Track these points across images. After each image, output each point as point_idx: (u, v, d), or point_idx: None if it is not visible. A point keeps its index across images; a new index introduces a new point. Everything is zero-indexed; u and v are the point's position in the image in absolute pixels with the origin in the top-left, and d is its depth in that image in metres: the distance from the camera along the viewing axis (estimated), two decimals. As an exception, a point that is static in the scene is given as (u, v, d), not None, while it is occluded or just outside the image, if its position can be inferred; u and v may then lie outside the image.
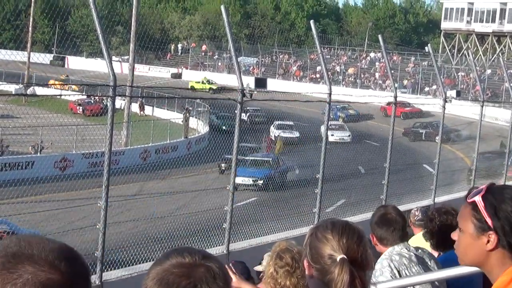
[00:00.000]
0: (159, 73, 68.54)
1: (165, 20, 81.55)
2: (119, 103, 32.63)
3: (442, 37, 71.49)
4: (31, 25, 53.27)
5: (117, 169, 19.57)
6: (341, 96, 27.66)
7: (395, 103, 13.26)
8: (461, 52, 67.43)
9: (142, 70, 64.11)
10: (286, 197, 19.09)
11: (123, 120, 32.67)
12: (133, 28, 36.18)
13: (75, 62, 69.21)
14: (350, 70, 65.65)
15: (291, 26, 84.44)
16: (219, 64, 69.66)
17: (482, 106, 16.76)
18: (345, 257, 2.17)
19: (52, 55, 70.09)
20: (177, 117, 36.85)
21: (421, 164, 26.53)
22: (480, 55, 65.07)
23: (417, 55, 67.35)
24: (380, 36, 13.84)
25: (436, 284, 3.86)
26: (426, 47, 23.92)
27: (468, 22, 67.50)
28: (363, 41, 75.15)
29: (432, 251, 4.51)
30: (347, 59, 70.53)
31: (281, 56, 70.71)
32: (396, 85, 17.13)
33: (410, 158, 29.06)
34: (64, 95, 38.75)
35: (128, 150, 30.08)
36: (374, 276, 3.71)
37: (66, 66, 68.93)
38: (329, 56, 68.85)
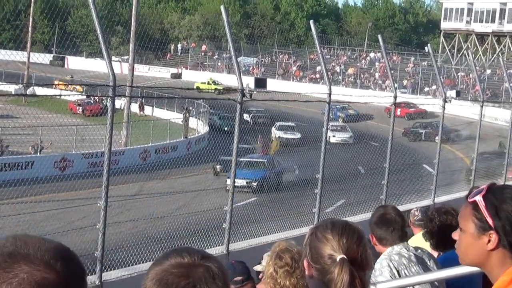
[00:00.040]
0: (159, 73, 68.56)
1: (165, 20, 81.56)
2: (119, 103, 32.64)
3: (442, 37, 71.51)
4: (31, 25, 53.27)
5: (117, 169, 19.56)
6: (341, 96, 27.66)
7: (395, 103, 13.27)
8: (461, 52, 67.43)
9: (142, 70, 64.12)
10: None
11: (123, 120, 32.67)
12: (133, 28, 36.17)
13: (75, 62, 69.21)
14: (350, 70, 65.66)
15: (291, 26, 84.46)
16: (219, 64, 69.67)
17: (482, 106, 16.77)
18: (345, 257, 2.17)
19: (52, 55, 70.12)
20: (177, 117, 36.85)
21: (421, 164, 26.52)
22: (480, 55, 65.08)
23: (417, 55, 67.38)
24: (380, 36, 13.85)
25: (436, 284, 3.85)
26: (426, 47, 23.89)
27: (468, 22, 67.51)
28: (363, 41, 75.16)
29: (432, 251, 4.51)
30: (347, 59, 70.54)
31: (281, 56, 70.72)
32: (396, 85, 17.12)
33: (410, 158, 29.05)
34: (64, 95, 38.76)
35: (128, 150, 30.07)
36: (374, 276, 3.71)
37: (66, 66, 68.93)
38: (329, 56, 68.87)
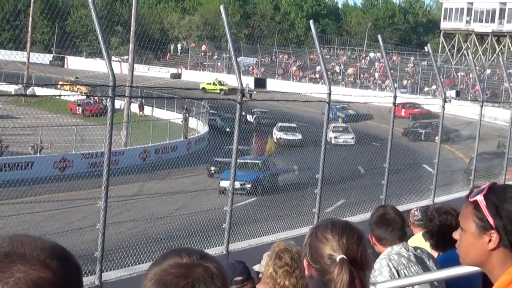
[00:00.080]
0: (159, 73, 68.56)
1: (165, 20, 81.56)
2: (119, 103, 32.63)
3: (442, 37, 71.52)
4: (31, 25, 53.25)
5: (117, 170, 19.53)
6: (341, 96, 27.67)
7: (394, 103, 13.27)
8: (461, 52, 67.44)
9: (142, 70, 64.13)
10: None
11: (123, 120, 32.68)
12: (133, 28, 36.17)
13: (75, 62, 69.20)
14: (350, 70, 65.67)
15: (291, 26, 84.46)
16: (219, 64, 69.68)
17: (482, 106, 16.77)
18: (345, 257, 2.17)
19: (52, 55, 70.07)
20: (177, 117, 36.84)
21: (421, 164, 26.51)
22: (480, 55, 65.08)
23: (417, 55, 67.39)
24: (380, 36, 13.85)
25: (435, 284, 3.85)
26: (426, 47, 23.87)
27: (468, 22, 67.52)
28: (363, 41, 75.16)
29: (432, 251, 4.50)
30: (347, 59, 70.55)
31: (281, 56, 70.73)
32: (396, 85, 17.11)
33: (410, 158, 29.04)
34: (64, 96, 38.76)
35: (128, 150, 30.07)
36: (373, 276, 3.71)
37: (66, 67, 68.88)
38: (329, 56, 68.88)
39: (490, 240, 2.01)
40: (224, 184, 22.15)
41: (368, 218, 4.34)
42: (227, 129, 29.50)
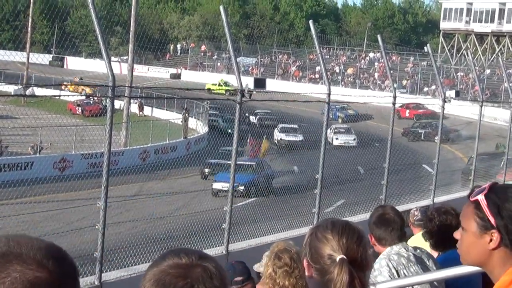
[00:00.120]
0: (158, 74, 68.55)
1: (164, 21, 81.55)
2: (118, 104, 32.61)
3: (441, 37, 71.53)
4: (30, 26, 53.22)
5: (116, 170, 19.52)
6: (340, 96, 27.68)
7: (394, 103, 13.27)
8: (460, 52, 67.46)
9: (141, 71, 64.11)
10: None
11: (122, 121, 32.66)
12: (132, 29, 36.16)
13: (74, 63, 69.20)
14: (349, 70, 65.68)
15: (290, 26, 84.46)
16: (218, 65, 69.68)
17: (481, 106, 16.78)
18: (345, 257, 2.17)
19: (51, 56, 70.09)
20: (176, 118, 36.84)
21: (421, 164, 26.51)
22: (479, 55, 65.10)
23: (416, 55, 67.40)
24: (379, 36, 13.85)
25: (435, 284, 3.85)
26: (425, 47, 23.89)
27: (467, 22, 67.53)
28: (362, 41, 75.16)
29: (432, 251, 4.50)
30: (346, 59, 70.56)
31: (280, 56, 70.75)
32: (395, 85, 17.10)
33: (409, 158, 29.04)
34: (63, 96, 38.73)
35: (127, 151, 30.06)
36: (373, 276, 3.71)
37: (65, 67, 68.89)
38: (328, 56, 68.89)
39: (491, 240, 2.00)
40: (217, 186, 22.09)
41: (368, 218, 4.35)
42: (229, 130, 29.34)
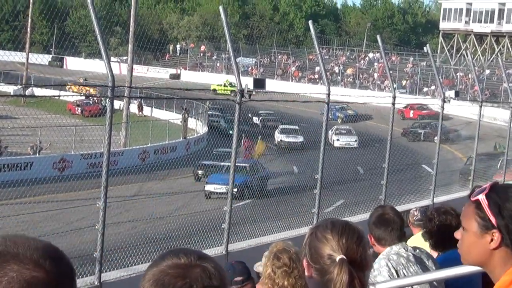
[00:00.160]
0: (158, 74, 68.53)
1: (164, 21, 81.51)
2: (118, 104, 32.61)
3: (441, 38, 71.54)
4: (30, 26, 53.21)
5: (116, 170, 19.52)
6: (340, 97, 27.70)
7: (393, 104, 13.26)
8: (460, 52, 67.45)
9: (141, 71, 64.10)
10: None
11: (122, 121, 32.66)
12: (132, 29, 36.16)
13: (74, 63, 69.20)
14: (349, 71, 65.67)
15: (290, 27, 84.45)
16: (218, 65, 69.67)
17: (481, 106, 16.78)
18: (344, 258, 2.16)
19: (51, 56, 70.09)
20: (176, 118, 36.84)
21: (420, 165, 26.52)
22: (479, 55, 65.11)
23: (416, 56, 67.38)
24: (379, 37, 13.85)
25: (435, 284, 3.85)
26: (425, 48, 23.88)
27: (467, 23, 67.54)
28: (362, 42, 75.17)
29: (431, 251, 4.50)
30: (346, 60, 70.55)
31: (280, 57, 70.75)
32: (395, 86, 17.11)
33: (409, 159, 29.05)
34: (63, 96, 38.72)
35: (127, 151, 30.06)
36: (372, 276, 3.70)
37: (65, 67, 68.90)
38: (328, 57, 68.89)
39: (492, 240, 2.00)
40: (209, 188, 21.99)
41: (367, 218, 4.34)
42: (231, 131, 29.16)
